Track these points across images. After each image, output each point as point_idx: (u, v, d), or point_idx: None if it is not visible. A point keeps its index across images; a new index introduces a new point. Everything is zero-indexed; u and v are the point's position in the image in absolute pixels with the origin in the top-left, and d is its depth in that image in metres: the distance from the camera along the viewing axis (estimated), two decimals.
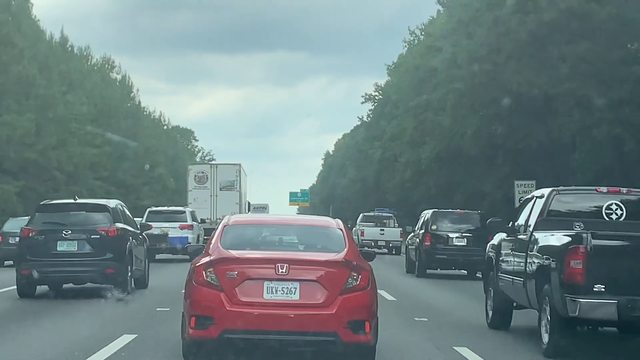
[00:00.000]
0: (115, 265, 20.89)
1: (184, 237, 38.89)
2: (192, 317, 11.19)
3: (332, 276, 11.28)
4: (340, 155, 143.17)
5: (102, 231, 21.16)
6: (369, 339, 11.21)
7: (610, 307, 12.27)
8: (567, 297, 12.42)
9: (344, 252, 11.71)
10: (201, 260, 11.40)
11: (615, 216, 14.92)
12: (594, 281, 12.41)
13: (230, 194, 52.73)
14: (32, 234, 21.02)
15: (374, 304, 11.36)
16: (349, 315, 11.13)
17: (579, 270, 12.48)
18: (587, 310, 12.34)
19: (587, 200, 15.36)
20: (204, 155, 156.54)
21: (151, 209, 41.58)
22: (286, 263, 11.25)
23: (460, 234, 32.69)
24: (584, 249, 12.47)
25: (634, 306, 12.10)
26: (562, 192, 15.32)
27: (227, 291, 11.17)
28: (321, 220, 13.24)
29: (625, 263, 12.42)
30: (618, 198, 14.97)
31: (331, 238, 12.23)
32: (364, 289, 11.39)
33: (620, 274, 12.40)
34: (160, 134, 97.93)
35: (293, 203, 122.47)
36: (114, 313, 17.57)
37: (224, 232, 12.13)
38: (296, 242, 12.52)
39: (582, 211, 14.95)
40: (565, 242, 12.74)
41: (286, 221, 13.40)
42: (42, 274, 20.58)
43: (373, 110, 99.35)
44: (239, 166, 53.23)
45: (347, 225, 12.85)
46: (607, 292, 12.38)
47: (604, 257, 12.39)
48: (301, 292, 11.23)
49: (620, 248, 12.54)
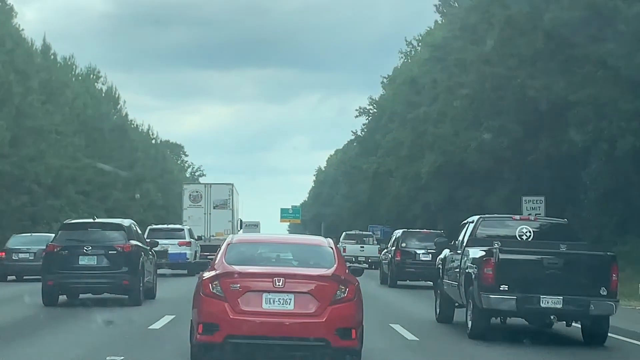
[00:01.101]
0: (130, 278, 24.05)
1: (183, 253, 42.30)
2: (200, 324, 13.05)
3: (323, 289, 13.10)
4: (332, 171, 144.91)
5: (118, 247, 24.39)
6: (355, 344, 13.15)
7: (511, 301, 17.67)
8: (482, 294, 17.75)
9: (334, 267, 13.62)
10: (208, 274, 13.42)
11: (525, 237, 20.18)
12: (501, 283, 17.76)
13: (223, 212, 56.47)
14: (56, 250, 24.50)
15: (360, 313, 13.30)
16: (338, 323, 12.98)
17: (491, 275, 17.82)
18: (496, 303, 17.73)
19: (504, 225, 20.81)
20: (194, 170, 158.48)
21: (152, 226, 45.23)
22: (282, 277, 13.04)
23: (426, 250, 37.34)
24: (494, 260, 17.79)
25: (528, 301, 17.57)
26: (486, 219, 20.89)
27: (231, 301, 12.96)
28: (314, 239, 15.31)
29: (522, 270, 17.81)
30: (528, 224, 20.58)
31: (322, 255, 14.12)
32: (350, 300, 13.18)
33: (519, 278, 17.73)
34: (148, 147, 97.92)
35: (284, 219, 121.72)
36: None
37: (228, 249, 14.10)
38: (291, 259, 14.28)
39: (500, 234, 20.14)
40: (482, 255, 18.01)
41: (283, 240, 15.32)
42: (66, 285, 23.66)
43: (367, 124, 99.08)
44: (232, 186, 57.53)
45: (337, 244, 14.72)
46: (509, 291, 17.73)
47: (508, 266, 17.78)
48: (295, 302, 13.02)
49: (519, 260, 17.94)
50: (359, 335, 13.29)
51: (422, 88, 69.61)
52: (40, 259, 31.91)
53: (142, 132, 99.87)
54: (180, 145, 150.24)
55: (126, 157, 78.37)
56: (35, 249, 37.14)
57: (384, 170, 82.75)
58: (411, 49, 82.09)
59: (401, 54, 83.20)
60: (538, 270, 17.90)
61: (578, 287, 17.82)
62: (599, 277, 17.93)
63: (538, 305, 17.74)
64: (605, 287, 17.86)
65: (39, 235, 40.73)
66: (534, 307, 17.74)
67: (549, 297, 17.78)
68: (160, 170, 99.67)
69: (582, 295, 17.72)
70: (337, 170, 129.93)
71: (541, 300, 17.79)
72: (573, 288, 17.79)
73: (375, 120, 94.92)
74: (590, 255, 18.66)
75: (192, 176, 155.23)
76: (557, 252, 18.15)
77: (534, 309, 17.79)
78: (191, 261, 41.57)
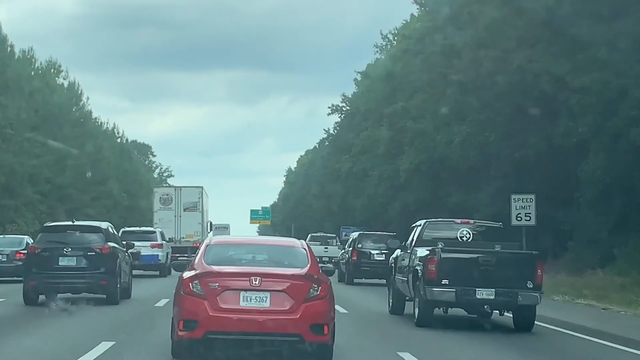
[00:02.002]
0: (108, 278, 26.05)
1: (155, 255, 44.67)
2: (181, 320, 14.31)
3: (297, 287, 14.37)
4: (303, 171, 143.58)
5: (97, 249, 26.27)
6: (327, 339, 14.56)
7: (451, 293, 21.02)
8: (426, 287, 21.18)
9: (307, 267, 14.86)
10: (188, 274, 14.64)
11: (465, 238, 23.91)
12: (442, 277, 21.05)
13: (193, 215, 58.70)
14: (37, 251, 26.36)
15: (332, 310, 14.76)
16: (311, 319, 14.26)
17: (434, 271, 21.10)
18: (438, 295, 21.12)
19: (447, 228, 24.50)
20: (162, 171, 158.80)
21: (125, 229, 47.37)
22: (259, 276, 14.28)
23: (380, 250, 40.77)
24: (436, 258, 21.15)
25: (465, 293, 21.00)
26: (432, 222, 24.72)
27: (210, 299, 14.18)
28: (288, 241, 16.73)
29: (461, 266, 21.26)
30: (468, 226, 24.29)
31: (296, 256, 15.29)
32: (323, 298, 14.50)
33: (458, 273, 21.12)
34: (112, 146, 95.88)
35: (254, 221, 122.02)
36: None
37: (207, 251, 15.22)
38: (267, 259, 15.42)
39: (443, 236, 23.70)
40: (427, 254, 21.51)
41: (258, 242, 16.99)
42: (46, 285, 25.20)
43: (340, 122, 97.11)
44: (202, 189, 60.36)
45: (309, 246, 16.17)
46: (450, 284, 21.02)
47: (448, 263, 21.17)
48: (271, 300, 14.24)
49: (458, 258, 21.41)
50: (331, 331, 14.65)
51: (398, 83, 67.88)
52: (13, 260, 36.62)
53: (106, 131, 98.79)
54: (148, 146, 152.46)
55: (88, 154, 76.63)
56: (7, 251, 38.23)
57: (358, 169, 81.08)
58: (387, 42, 77.63)
59: (377, 47, 79.57)
60: (474, 267, 21.16)
61: (508, 281, 21.12)
62: (526, 272, 21.22)
63: (474, 297, 21.09)
64: (531, 281, 21.16)
65: (11, 237, 42.05)
66: (470, 299, 21.15)
67: (483, 290, 21.04)
68: (125, 169, 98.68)
69: (512, 288, 21.05)
70: (309, 171, 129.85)
71: (476, 293, 21.04)
72: (504, 282, 21.09)
73: (348, 118, 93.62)
74: (519, 254, 22.97)
75: (160, 177, 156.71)
76: (491, 252, 21.65)
77: (470, 300, 21.24)
78: (163, 262, 44.49)
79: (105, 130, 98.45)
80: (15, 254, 37.74)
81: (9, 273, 37.15)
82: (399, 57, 69.46)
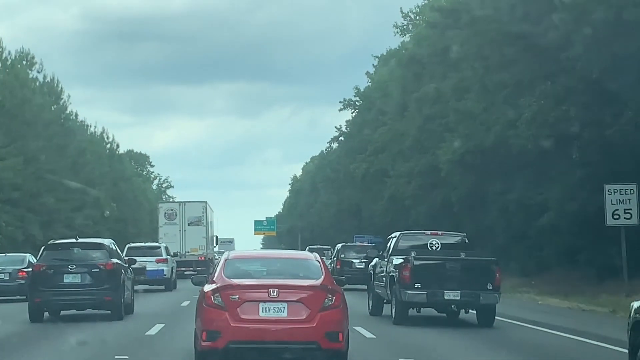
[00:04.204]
0: (112, 294, 27.25)
1: (160, 270, 45.26)
2: (204, 331, 16.04)
3: (313, 298, 15.99)
4: (309, 179, 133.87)
5: (100, 265, 27.23)
6: (342, 346, 16.26)
7: (423, 295, 25.25)
8: (402, 291, 25.59)
9: (322, 279, 16.49)
10: (209, 287, 16.26)
11: (435, 248, 27.99)
12: (415, 282, 25.15)
13: (197, 229, 60.87)
14: (42, 269, 27.33)
15: (346, 319, 16.54)
16: (326, 327, 15.84)
17: (408, 276, 25.26)
18: (411, 297, 25.34)
19: (419, 239, 28.59)
20: (161, 182, 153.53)
21: (130, 245, 49.24)
22: (276, 288, 15.80)
23: (361, 260, 45.39)
24: (410, 265, 25.44)
25: (435, 294, 25.18)
26: (405, 234, 29.18)
27: (231, 311, 15.78)
28: (302, 254, 18.99)
29: (431, 272, 25.48)
30: (436, 237, 28.36)
31: (310, 268, 16.88)
32: (337, 307, 16.14)
33: (428, 278, 25.32)
34: (99, 151, 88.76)
35: (258, 232, 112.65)
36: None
37: (226, 265, 16.66)
38: (283, 272, 16.85)
39: (415, 245, 27.69)
40: (402, 262, 25.92)
41: (274, 255, 18.50)
42: (51, 302, 26.81)
43: (351, 121, 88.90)
44: (205, 203, 63.87)
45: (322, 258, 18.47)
46: (422, 288, 25.14)
47: (420, 269, 25.47)
48: (289, 310, 15.79)
49: (428, 264, 25.78)
50: (345, 339, 16.41)
51: (426, 64, 59.85)
52: (16, 279, 36.83)
53: (93, 135, 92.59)
54: (146, 156, 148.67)
55: (68, 158, 69.94)
56: (9, 269, 38.42)
57: (375, 170, 73.60)
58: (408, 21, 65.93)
59: (396, 28, 68.91)
60: (442, 272, 25.64)
61: (471, 283, 25.49)
62: (486, 276, 25.51)
63: (442, 298, 25.55)
64: (491, 284, 25.43)
65: (13, 255, 41.74)
66: (439, 299, 25.71)
67: (450, 292, 25.29)
68: (115, 178, 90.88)
69: (474, 289, 25.41)
70: (316, 177, 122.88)
71: (445, 294, 25.34)
72: (468, 284, 25.47)
73: (362, 114, 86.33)
74: (480, 260, 26.87)
75: (159, 188, 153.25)
76: (456, 259, 26.18)
77: (439, 301, 25.87)
78: (168, 277, 46.11)
79: (92, 134, 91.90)
80: (18, 273, 38.14)
81: (12, 292, 37.71)
82: (423, 35, 63.14)
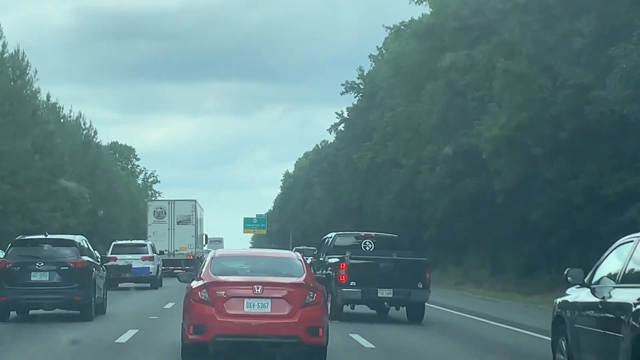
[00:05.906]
0: (82, 293, 26.86)
1: (146, 268, 45.28)
2: (191, 325, 17.67)
3: (295, 294, 17.53)
4: (303, 174, 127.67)
5: (70, 263, 26.76)
6: (322, 341, 17.92)
7: (357, 293, 28.02)
8: (337, 288, 28.60)
9: (303, 276, 18.06)
10: (196, 284, 17.94)
11: (368, 248, 30.74)
12: (350, 280, 27.94)
13: (186, 228, 61.65)
14: (8, 266, 26.93)
15: (325, 315, 18.23)
16: (307, 323, 17.33)
17: (344, 275, 28.07)
18: (347, 295, 28.07)
19: (353, 239, 31.28)
20: (147, 176, 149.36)
21: (116, 242, 49.74)
22: (261, 285, 17.35)
23: None
24: (345, 264, 28.34)
25: (369, 292, 27.78)
26: (340, 235, 32.25)
27: (217, 306, 17.29)
28: (285, 253, 20.31)
29: (365, 271, 28.17)
30: (370, 238, 31.00)
31: (293, 267, 18.35)
32: (318, 304, 17.69)
33: (363, 276, 27.97)
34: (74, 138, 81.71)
35: (248, 230, 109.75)
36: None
37: (213, 262, 18.19)
38: (267, 270, 18.40)
39: (349, 245, 30.65)
40: (337, 260, 29.21)
41: (259, 254, 20.64)
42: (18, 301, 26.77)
43: (354, 107, 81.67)
44: (195, 202, 65.40)
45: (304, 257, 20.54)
46: (357, 286, 27.77)
47: (355, 268, 28.24)
48: (272, 306, 17.23)
49: (362, 264, 28.57)
50: (325, 334, 17.94)
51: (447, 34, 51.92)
52: None
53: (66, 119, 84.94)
54: (131, 148, 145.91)
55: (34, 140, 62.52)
56: None
57: (382, 160, 67.54)
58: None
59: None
60: (375, 271, 27.97)
61: (403, 282, 27.69)
62: (417, 275, 27.86)
63: (376, 295, 27.94)
64: (421, 282, 27.63)
65: None
66: (373, 297, 28.17)
67: (383, 289, 27.40)
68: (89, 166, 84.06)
69: (406, 287, 27.72)
70: (310, 172, 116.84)
71: (378, 292, 27.61)
72: (399, 283, 27.70)
73: (367, 99, 78.49)
74: (411, 260, 29.28)
75: (144, 182, 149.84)
76: (389, 259, 28.86)
77: (373, 298, 28.35)
78: (154, 275, 46.44)
79: (64, 117, 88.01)
80: None
81: None
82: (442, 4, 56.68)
